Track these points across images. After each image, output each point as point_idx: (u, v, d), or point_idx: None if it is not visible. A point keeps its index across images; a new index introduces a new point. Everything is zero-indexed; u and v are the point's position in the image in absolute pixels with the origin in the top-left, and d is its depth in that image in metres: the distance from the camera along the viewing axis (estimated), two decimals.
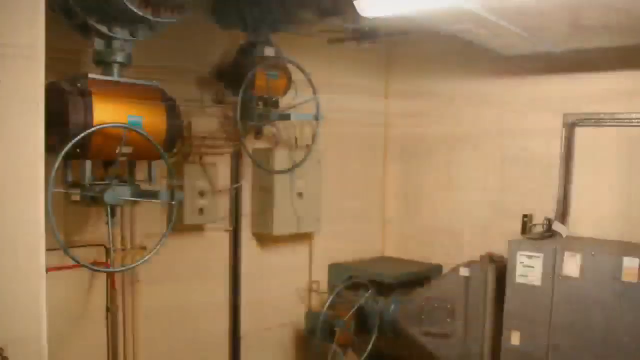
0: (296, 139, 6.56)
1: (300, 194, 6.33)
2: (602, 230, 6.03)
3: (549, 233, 5.91)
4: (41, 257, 3.21)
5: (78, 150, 3.91)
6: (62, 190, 4.04)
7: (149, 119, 4.22)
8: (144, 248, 5.32)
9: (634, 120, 5.77)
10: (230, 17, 5.41)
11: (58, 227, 3.63)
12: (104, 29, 4.12)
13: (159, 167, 4.88)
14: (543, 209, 6.35)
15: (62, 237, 3.78)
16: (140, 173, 4.70)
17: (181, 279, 5.75)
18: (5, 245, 3.11)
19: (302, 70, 5.52)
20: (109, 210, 4.12)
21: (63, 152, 3.72)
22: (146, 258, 4.22)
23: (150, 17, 4.06)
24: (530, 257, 5.39)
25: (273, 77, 5.47)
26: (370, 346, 6.35)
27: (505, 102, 6.72)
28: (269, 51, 5.48)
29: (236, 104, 5.23)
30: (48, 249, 3.32)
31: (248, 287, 6.33)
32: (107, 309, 5.19)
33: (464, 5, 4.33)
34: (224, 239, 6.14)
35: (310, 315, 6.43)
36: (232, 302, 6.23)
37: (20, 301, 3.18)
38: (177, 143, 4.62)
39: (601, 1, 4.24)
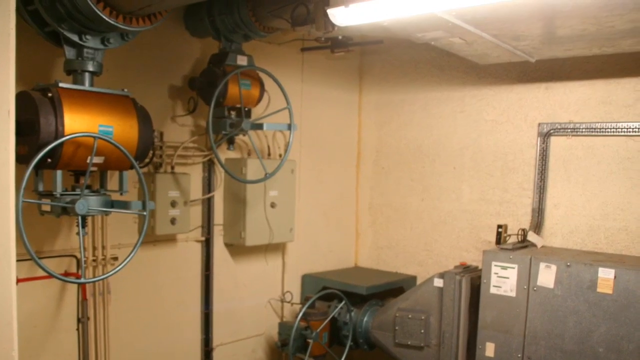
0: (269, 148, 6.54)
1: (273, 205, 6.29)
2: (577, 241, 6.06)
3: (524, 244, 5.91)
4: (12, 268, 3.15)
5: (49, 160, 3.86)
6: (32, 201, 3.97)
7: (120, 129, 4.17)
8: (115, 258, 5.27)
9: (609, 130, 5.81)
10: (202, 26, 5.38)
11: (29, 237, 3.57)
12: (74, 37, 4.07)
13: (131, 177, 4.85)
14: (518, 220, 6.37)
15: (33, 248, 3.71)
16: (112, 183, 4.65)
17: (153, 289, 5.69)
18: None
19: (275, 80, 5.50)
20: (80, 220, 4.07)
21: (34, 162, 3.66)
22: (117, 269, 4.16)
23: (121, 26, 4.02)
24: (504, 267, 5.39)
25: (245, 86, 5.45)
26: (343, 358, 6.32)
27: (479, 112, 6.74)
28: (241, 60, 5.46)
29: (208, 113, 5.20)
30: (18, 260, 3.27)
31: (220, 298, 6.28)
32: (78, 320, 5.12)
33: (437, 13, 4.32)
34: (196, 250, 6.08)
35: (283, 326, 6.39)
36: (204, 313, 6.18)
37: None
38: (148, 153, 4.57)
39: (575, 10, 4.25)
